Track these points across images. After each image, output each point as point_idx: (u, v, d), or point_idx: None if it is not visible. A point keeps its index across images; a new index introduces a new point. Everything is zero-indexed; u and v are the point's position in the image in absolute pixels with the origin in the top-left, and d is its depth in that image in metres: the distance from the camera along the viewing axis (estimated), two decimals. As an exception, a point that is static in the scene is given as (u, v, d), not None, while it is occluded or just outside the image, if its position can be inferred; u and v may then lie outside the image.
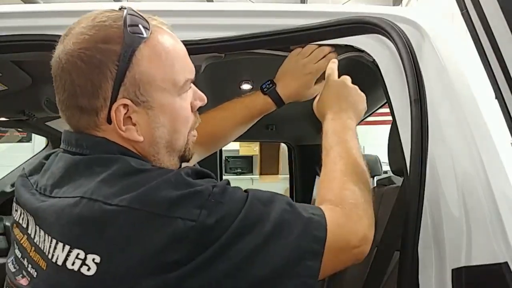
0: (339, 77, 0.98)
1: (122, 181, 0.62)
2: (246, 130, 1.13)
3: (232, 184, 0.68)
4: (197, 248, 0.58)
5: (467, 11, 0.75)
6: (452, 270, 0.82)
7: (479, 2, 0.73)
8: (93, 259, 0.57)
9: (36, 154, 2.48)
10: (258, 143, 5.72)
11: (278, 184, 6.05)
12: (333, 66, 0.98)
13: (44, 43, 0.95)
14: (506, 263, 0.81)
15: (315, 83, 1.07)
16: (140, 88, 0.66)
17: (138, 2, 1.07)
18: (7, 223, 2.10)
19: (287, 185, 3.40)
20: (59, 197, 0.64)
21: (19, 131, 4.81)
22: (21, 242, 0.70)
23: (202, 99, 0.78)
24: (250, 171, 6.41)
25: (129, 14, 0.67)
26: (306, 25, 0.95)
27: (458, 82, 0.91)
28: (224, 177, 3.41)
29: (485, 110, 0.90)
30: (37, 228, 0.66)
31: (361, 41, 0.96)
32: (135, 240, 0.57)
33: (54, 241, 0.61)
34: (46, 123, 1.99)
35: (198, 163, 1.25)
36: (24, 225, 0.70)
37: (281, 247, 0.62)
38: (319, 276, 0.65)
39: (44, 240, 0.63)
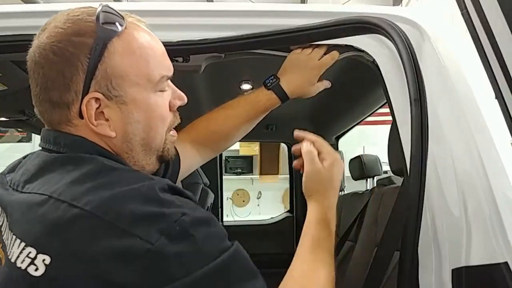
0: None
1: (92, 180, 0.60)
2: (251, 128, 1.11)
3: (232, 184, 0.67)
4: (147, 273, 0.54)
5: (467, 11, 0.76)
6: (452, 270, 0.82)
7: (479, 2, 0.73)
8: (43, 260, 0.55)
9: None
10: (258, 143, 5.71)
11: (278, 184, 6.05)
12: (312, 153, 0.88)
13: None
14: (506, 263, 0.81)
15: (318, 80, 1.06)
16: (112, 82, 0.66)
17: (138, 2, 1.07)
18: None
19: (287, 185, 3.40)
20: (29, 193, 0.63)
21: (19, 131, 4.80)
22: None
23: (181, 98, 0.76)
24: (250, 171, 6.40)
25: (103, 10, 0.67)
26: (306, 25, 0.95)
27: (458, 82, 0.92)
28: (224, 177, 3.40)
29: (485, 110, 0.90)
30: (5, 223, 0.65)
31: (361, 41, 0.96)
32: (89, 247, 0.55)
33: (14, 237, 0.60)
34: (46, 123, 1.99)
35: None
36: (0, 222, 0.68)
37: None
38: None
39: (8, 236, 0.62)
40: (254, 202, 6.34)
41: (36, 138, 4.93)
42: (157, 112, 0.71)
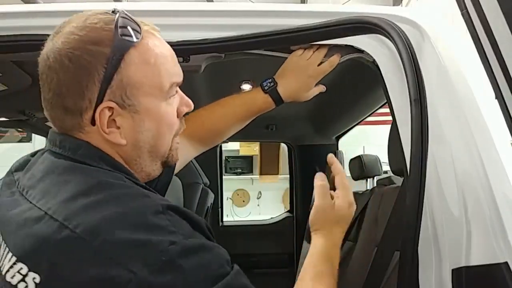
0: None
1: (85, 197, 0.60)
2: (243, 127, 1.13)
3: (232, 184, 0.67)
4: None
5: (467, 11, 0.76)
6: (452, 270, 0.82)
7: (479, 2, 0.73)
8: (33, 278, 0.56)
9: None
10: (258, 143, 5.72)
11: (278, 184, 6.05)
12: (324, 188, 0.87)
13: (44, 43, 0.95)
14: (506, 263, 0.81)
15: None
16: (127, 92, 0.66)
17: (138, 2, 1.07)
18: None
19: (287, 185, 3.40)
20: (30, 202, 0.63)
21: (19, 131, 4.80)
22: None
23: (188, 105, 0.77)
24: (250, 171, 6.40)
25: (121, 17, 0.67)
26: (306, 25, 0.95)
27: (458, 82, 0.92)
28: (224, 177, 3.41)
29: (485, 110, 0.90)
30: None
31: (361, 41, 0.96)
32: (77, 271, 0.55)
33: (7, 249, 0.61)
34: (46, 123, 1.99)
35: (198, 162, 1.24)
36: None
37: None
38: None
39: (2, 245, 0.63)
40: (254, 202, 6.35)
41: (36, 138, 4.94)
42: (167, 120, 0.72)
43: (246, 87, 1.74)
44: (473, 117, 0.89)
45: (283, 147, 4.21)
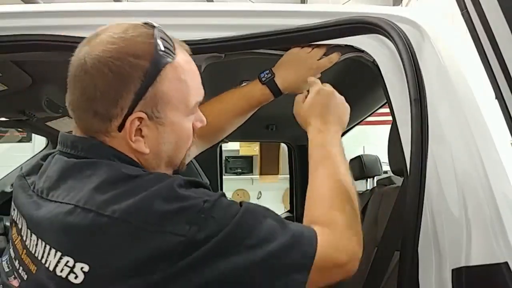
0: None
1: (114, 188, 0.63)
2: (244, 121, 1.13)
3: (232, 184, 0.69)
4: (182, 257, 0.60)
5: (467, 11, 0.76)
6: (452, 270, 0.82)
7: (479, 2, 0.73)
8: (81, 268, 0.59)
9: (36, 154, 2.48)
10: (258, 143, 5.71)
11: (278, 184, 6.05)
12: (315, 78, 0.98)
13: (44, 43, 0.95)
14: (506, 263, 0.81)
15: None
16: (158, 105, 0.70)
17: (139, 2, 1.07)
18: (7, 223, 2.11)
19: (287, 185, 3.40)
20: (55, 201, 0.66)
21: (19, 131, 4.80)
22: (15, 242, 0.71)
23: (202, 121, 0.81)
24: (250, 171, 6.39)
25: (159, 30, 0.70)
26: (306, 25, 0.95)
27: (458, 82, 0.92)
28: (224, 177, 3.41)
29: (485, 110, 0.90)
30: (29, 232, 0.68)
31: (361, 41, 0.96)
32: (124, 252, 0.59)
33: (48, 246, 0.63)
34: (46, 123, 1.99)
35: (198, 162, 1.25)
36: (20, 226, 0.71)
37: (268, 258, 0.64)
38: None
39: (37, 244, 0.65)
40: (254, 202, 6.33)
41: (36, 138, 4.93)
42: (186, 134, 0.76)
43: (246, 87, 1.74)
44: (473, 117, 0.89)
45: (283, 147, 4.21)
